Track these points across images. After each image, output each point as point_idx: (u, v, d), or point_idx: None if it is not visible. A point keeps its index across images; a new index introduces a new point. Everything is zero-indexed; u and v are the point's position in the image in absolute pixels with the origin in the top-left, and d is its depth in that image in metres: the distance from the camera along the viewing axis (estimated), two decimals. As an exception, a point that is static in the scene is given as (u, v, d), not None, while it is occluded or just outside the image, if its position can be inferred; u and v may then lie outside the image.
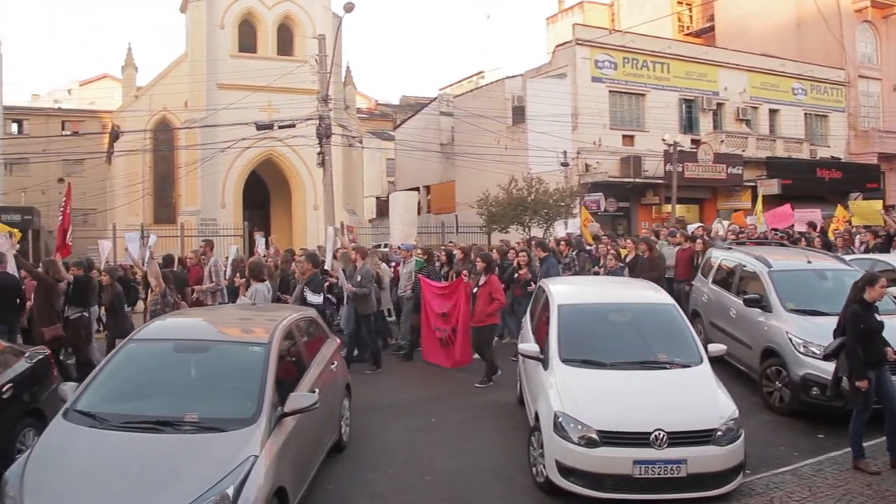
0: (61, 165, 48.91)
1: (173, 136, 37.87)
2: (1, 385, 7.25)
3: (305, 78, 27.47)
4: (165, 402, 6.28)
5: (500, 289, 12.03)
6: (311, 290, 11.03)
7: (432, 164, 40.18)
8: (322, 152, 22.21)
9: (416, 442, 8.96)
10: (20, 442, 7.39)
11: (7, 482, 5.35)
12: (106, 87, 60.55)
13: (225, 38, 37.29)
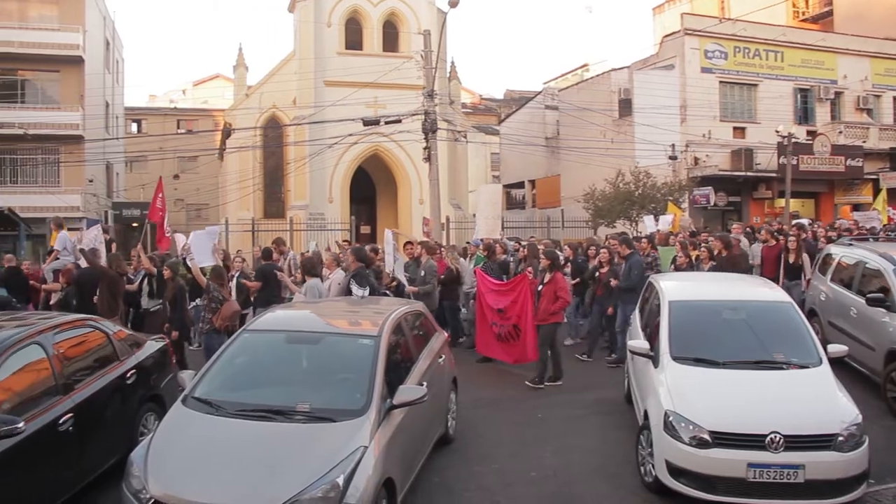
0: (176, 162, 50.94)
1: (282, 133, 38.80)
2: (125, 372, 7.61)
3: (411, 74, 27.69)
4: (278, 391, 6.45)
5: (566, 287, 11.80)
6: (357, 283, 11.00)
7: (537, 158, 39.94)
8: (428, 147, 22.35)
9: (522, 437, 8.92)
10: (142, 425, 7.77)
11: (132, 463, 5.62)
12: (218, 86, 62.69)
13: (332, 36, 37.97)
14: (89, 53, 35.65)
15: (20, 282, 13.39)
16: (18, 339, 6.34)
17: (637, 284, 12.05)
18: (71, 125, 33.88)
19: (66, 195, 33.07)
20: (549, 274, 11.52)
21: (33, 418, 5.99)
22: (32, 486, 6.00)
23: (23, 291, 13.23)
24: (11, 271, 13.67)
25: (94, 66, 36.69)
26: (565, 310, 12.33)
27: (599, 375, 11.99)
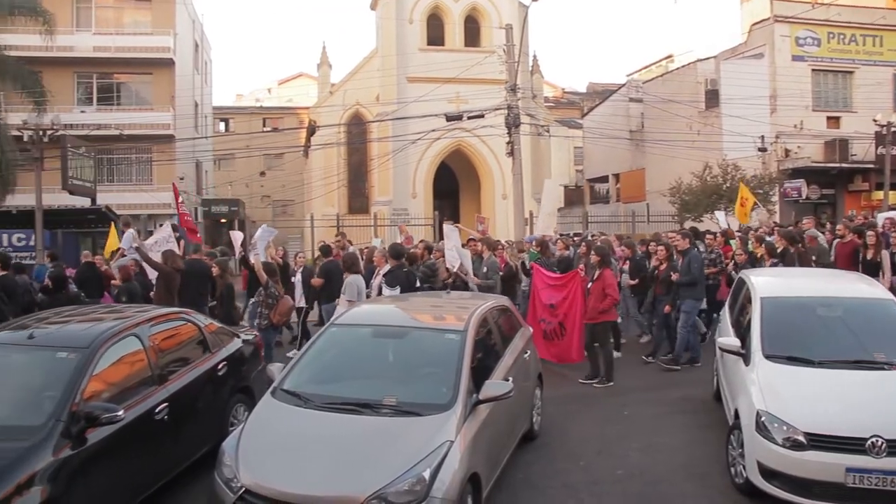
0: (262, 160, 52.02)
1: (366, 130, 39.27)
2: (216, 363, 7.82)
3: (493, 68, 27.64)
4: (365, 385, 6.52)
5: (614, 284, 11.49)
6: (388, 283, 10.95)
7: (621, 151, 39.40)
8: (511, 142, 22.29)
9: (608, 434, 8.81)
10: (232, 416, 7.98)
11: (224, 452, 5.77)
12: (302, 84, 63.72)
13: (414, 33, 38.24)
14: (179, 56, 36.75)
15: (94, 277, 13.86)
16: (117, 331, 6.59)
17: (697, 279, 11.72)
18: (163, 125, 35.01)
19: (158, 193, 34.18)
20: (598, 271, 11.31)
21: (131, 407, 6.22)
22: (131, 471, 6.24)
23: (97, 286, 13.66)
24: (86, 267, 14.21)
25: (184, 67, 37.81)
26: (618, 307, 12.06)
27: (685, 373, 11.75)
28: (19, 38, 31.36)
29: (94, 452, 5.71)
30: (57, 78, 33.30)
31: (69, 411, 5.64)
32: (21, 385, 6.27)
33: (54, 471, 5.32)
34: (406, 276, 11.24)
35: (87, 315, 7.67)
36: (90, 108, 35.39)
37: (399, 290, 10.70)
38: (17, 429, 5.55)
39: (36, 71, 31.16)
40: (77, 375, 5.91)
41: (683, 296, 11.92)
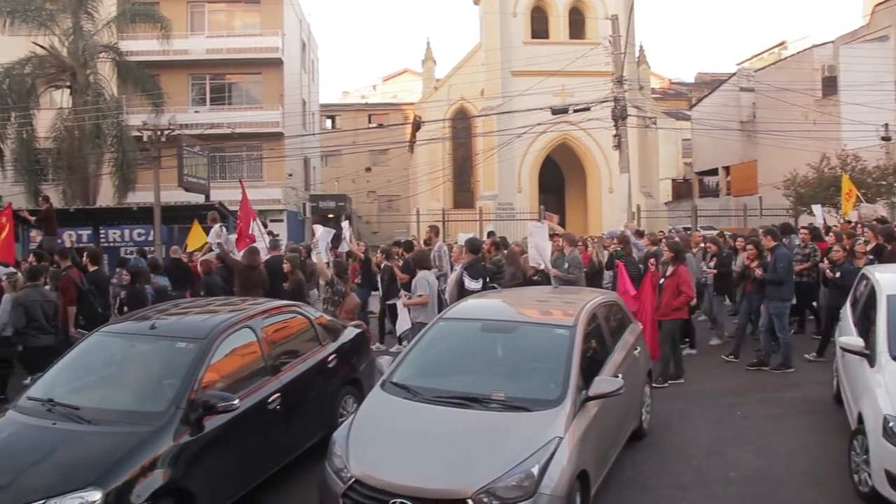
0: (368, 156, 52.85)
1: (471, 124, 39.33)
2: (327, 356, 7.96)
3: (598, 60, 27.20)
4: (473, 379, 6.51)
5: (689, 281, 11.01)
6: (470, 275, 10.80)
7: (731, 143, 38.23)
8: (618, 134, 21.93)
9: (720, 434, 8.53)
10: (342, 407, 8.10)
11: (335, 443, 5.87)
12: (406, 81, 64.46)
13: (517, 26, 38.05)
14: (287, 55, 37.68)
15: (181, 271, 14.28)
16: (232, 323, 6.83)
17: (782, 278, 11.12)
18: (272, 123, 35.99)
19: (268, 189, 35.18)
20: (671, 267, 10.93)
21: (246, 396, 6.42)
22: (245, 458, 6.45)
23: (185, 280, 14.05)
24: (173, 261, 14.72)
25: (291, 66, 38.75)
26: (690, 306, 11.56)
27: (801, 373, 11.25)
28: (139, 44, 32.99)
29: (210, 439, 5.93)
30: (173, 80, 34.73)
31: (188, 399, 5.88)
32: (144, 373, 6.60)
33: (174, 455, 5.57)
34: (484, 269, 11.16)
35: (204, 307, 8.02)
36: (204, 108, 36.72)
37: (481, 282, 10.65)
38: (141, 414, 5.85)
39: (154, 74, 32.70)
40: (195, 365, 6.15)
41: (770, 296, 11.35)
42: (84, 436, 5.64)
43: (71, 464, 5.33)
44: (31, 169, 30.03)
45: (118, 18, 31.60)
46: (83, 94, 29.65)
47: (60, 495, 4.98)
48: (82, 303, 11.47)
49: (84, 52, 29.91)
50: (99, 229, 24.97)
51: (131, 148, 30.10)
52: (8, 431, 5.83)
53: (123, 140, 30.02)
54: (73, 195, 29.98)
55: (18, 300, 10.03)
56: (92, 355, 6.95)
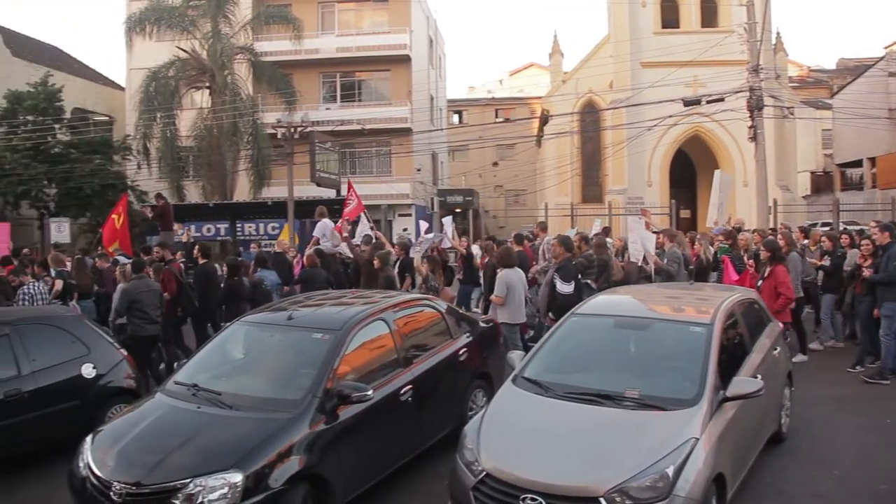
0: (495, 150, 52.95)
1: (599, 118, 38.77)
2: (457, 349, 8.00)
3: (732, 49, 26.23)
4: (606, 376, 6.39)
5: (788, 282, 10.24)
6: (561, 277, 10.49)
7: (878, 132, 36.06)
8: (753, 126, 21.07)
9: (867, 442, 8.03)
10: (471, 401, 8.13)
11: (466, 436, 5.89)
12: (533, 75, 64.21)
13: (647, 16, 37.16)
14: (415, 52, 38.18)
15: (284, 264, 14.74)
16: (366, 315, 6.99)
17: (893, 278, 10.21)
18: (400, 119, 36.57)
19: (396, 184, 35.79)
20: (769, 267, 10.29)
21: (379, 387, 6.54)
22: (378, 448, 6.57)
23: (286, 273, 14.44)
24: (277, 256, 15.20)
25: (419, 63, 39.25)
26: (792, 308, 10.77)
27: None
28: (273, 44, 34.28)
29: (344, 428, 6.09)
30: (305, 79, 35.85)
31: (324, 388, 6.06)
32: (281, 362, 6.88)
33: (310, 442, 5.76)
34: (575, 268, 10.96)
35: (339, 299, 8.25)
36: (334, 105, 37.70)
37: (573, 285, 10.39)
38: (279, 401, 6.08)
39: (287, 73, 33.88)
40: (331, 355, 6.32)
41: (882, 297, 10.47)
42: (226, 420, 5.91)
43: (214, 446, 5.61)
44: (174, 166, 31.73)
45: (253, 21, 32.95)
46: (221, 94, 31.01)
47: (205, 475, 5.26)
48: (181, 295, 12.10)
49: (222, 55, 31.30)
50: (236, 223, 26.16)
51: (266, 145, 31.29)
52: (158, 413, 6.19)
53: (259, 137, 31.25)
54: (211, 191, 31.48)
55: (126, 290, 10.87)
56: (233, 344, 7.30)
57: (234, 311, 11.30)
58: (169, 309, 11.62)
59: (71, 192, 28.60)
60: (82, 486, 5.75)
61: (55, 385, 8.05)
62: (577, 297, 10.25)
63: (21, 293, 11.02)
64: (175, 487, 5.25)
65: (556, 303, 10.20)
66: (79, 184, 28.48)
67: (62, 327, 8.59)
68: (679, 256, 12.53)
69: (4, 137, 29.06)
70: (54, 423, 7.96)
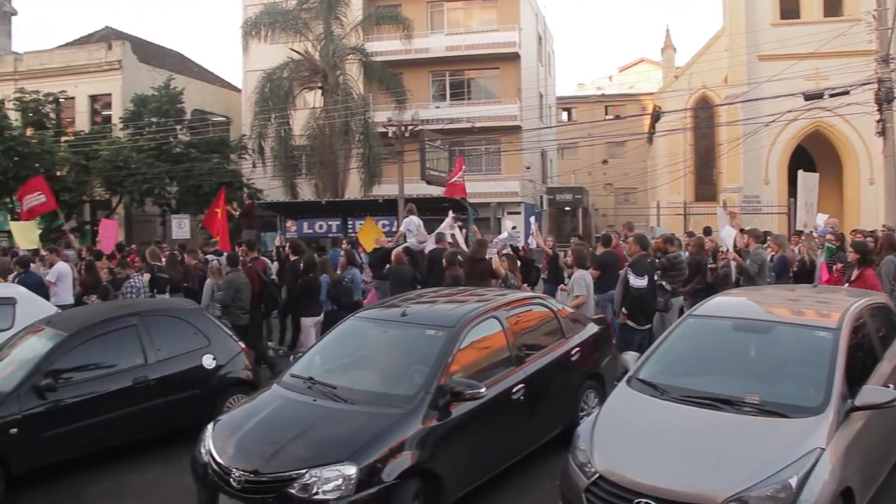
0: (605, 148, 52.23)
1: (713, 114, 37.72)
2: (570, 348, 7.90)
3: (859, 38, 24.97)
4: (724, 379, 6.16)
5: (877, 285, 9.42)
6: (635, 272, 10.19)
7: None
8: (881, 120, 20.02)
9: None
10: (583, 402, 8.02)
11: (579, 437, 5.80)
12: (643, 70, 63.05)
13: (764, 7, 35.78)
14: (524, 49, 38.02)
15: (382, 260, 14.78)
16: (479, 313, 7.00)
17: None
18: (509, 117, 36.47)
19: (506, 182, 35.74)
20: (856, 270, 9.60)
21: (491, 385, 6.52)
22: (489, 446, 6.57)
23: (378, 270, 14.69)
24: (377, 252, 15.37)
25: (528, 60, 39.06)
26: None
27: None
28: (383, 44, 34.78)
29: (457, 425, 6.11)
30: (415, 77, 36.20)
31: (437, 385, 6.10)
32: (395, 358, 6.99)
33: (423, 438, 5.81)
34: (651, 266, 10.68)
35: (451, 297, 8.29)
36: (444, 103, 37.91)
37: (646, 280, 10.19)
38: (392, 396, 6.17)
39: (397, 73, 34.29)
40: (444, 352, 6.36)
41: None
42: (340, 413, 6.03)
43: (329, 438, 5.74)
44: (288, 164, 32.60)
45: (364, 22, 33.52)
46: (333, 94, 31.66)
47: (320, 466, 5.40)
48: (264, 291, 12.59)
49: (334, 55, 31.96)
50: (347, 220, 26.62)
51: (377, 143, 31.77)
52: (275, 405, 6.37)
53: (370, 136, 31.77)
54: (324, 188, 32.20)
55: (230, 280, 11.45)
56: (347, 338, 7.44)
57: (310, 306, 12.01)
58: (253, 304, 12.13)
59: (191, 189, 29.84)
60: (204, 472, 5.97)
61: (178, 374, 8.42)
62: (650, 293, 10.23)
63: (127, 285, 11.64)
64: (291, 477, 5.40)
65: (629, 298, 10.07)
66: (198, 182, 29.71)
67: (185, 319, 8.98)
68: (763, 258, 12.07)
69: (131, 138, 30.59)
70: (177, 410, 8.33)
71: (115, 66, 34.71)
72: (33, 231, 18.20)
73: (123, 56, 34.90)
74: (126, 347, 8.18)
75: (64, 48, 37.89)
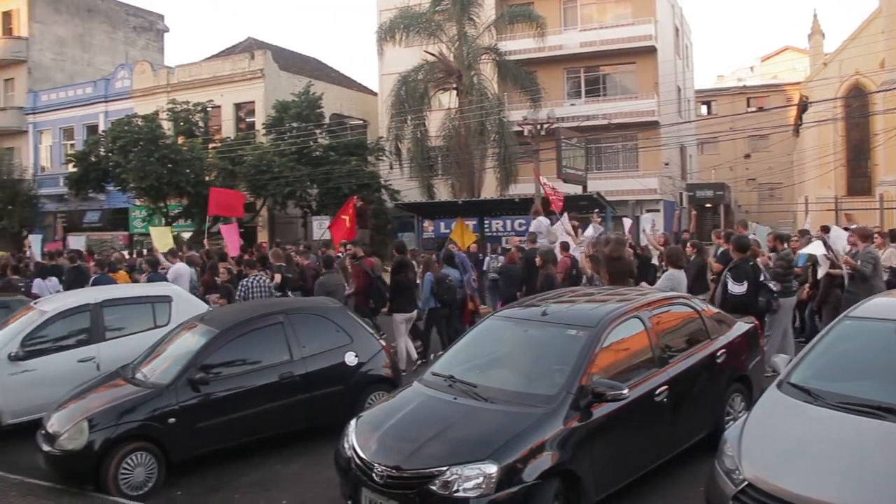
0: (747, 142, 50.33)
1: (867, 101, 35.64)
2: (715, 350, 7.59)
3: None
4: (887, 386, 5.70)
5: None
6: (734, 277, 9.70)
7: None
8: None
9: None
10: (729, 406, 7.70)
11: (726, 442, 5.53)
12: (787, 59, 60.55)
13: (925, -15, 33.54)
14: (660, 42, 37.08)
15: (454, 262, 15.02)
16: (621, 313, 6.85)
17: None
18: (647, 112, 35.64)
19: (644, 179, 34.95)
20: None
21: (634, 387, 6.36)
22: (630, 449, 6.43)
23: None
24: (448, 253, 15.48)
25: (665, 54, 38.07)
26: None
27: None
28: (516, 43, 34.74)
29: (598, 426, 6.00)
30: (549, 75, 35.96)
31: (579, 385, 6.01)
32: (535, 357, 6.93)
33: (563, 438, 5.73)
34: (753, 269, 10.09)
35: (592, 296, 8.17)
36: (579, 100, 37.44)
37: (746, 286, 9.72)
38: (533, 396, 6.12)
39: (531, 71, 34.16)
40: (585, 352, 6.26)
41: None
42: (481, 412, 6.03)
43: (470, 437, 5.75)
44: (424, 165, 33.04)
45: (497, 21, 33.58)
46: (468, 94, 31.86)
47: (461, 464, 5.41)
48: (371, 289, 13.16)
49: (468, 56, 32.16)
50: (483, 220, 26.72)
51: (512, 142, 31.78)
52: (416, 402, 6.46)
53: (505, 135, 31.80)
54: (460, 188, 32.48)
55: (321, 282, 12.28)
56: (487, 337, 7.46)
57: (402, 303, 12.56)
58: (362, 301, 12.73)
59: (330, 191, 30.75)
60: (347, 466, 6.10)
61: (322, 370, 8.66)
62: (751, 298, 9.76)
63: (241, 284, 12.13)
64: (432, 474, 5.45)
65: (729, 305, 9.61)
66: (337, 184, 30.58)
67: (328, 317, 9.26)
68: (875, 256, 11.26)
69: (273, 143, 31.83)
70: (320, 405, 8.58)
71: (257, 75, 36.28)
72: (167, 235, 20.04)
73: (265, 65, 36.43)
74: (273, 344, 8.50)
75: (210, 60, 39.99)
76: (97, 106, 40.83)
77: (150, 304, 10.55)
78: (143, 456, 7.38)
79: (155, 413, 7.47)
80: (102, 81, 41.51)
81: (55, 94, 42.89)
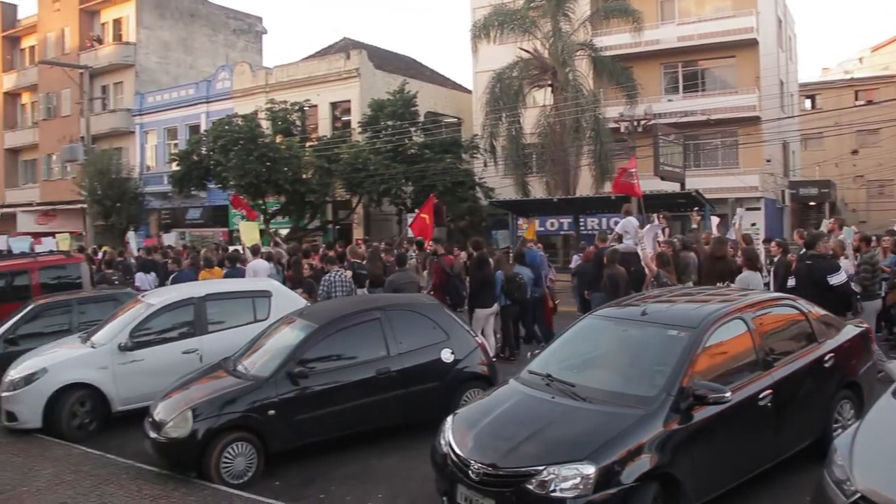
0: (854, 137, 48.30)
1: None
2: (823, 354, 7.32)
3: None
4: None
5: None
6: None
7: None
8: None
9: None
10: (837, 412, 7.41)
11: (836, 450, 5.30)
12: (900, 49, 57.76)
13: None
14: (762, 34, 35.89)
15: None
16: (724, 314, 6.69)
17: None
18: (747, 107, 34.59)
19: (744, 176, 33.94)
20: None
21: (737, 390, 6.19)
22: (732, 453, 6.26)
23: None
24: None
25: (767, 46, 36.82)
26: None
27: None
28: (612, 38, 34.30)
29: (699, 429, 5.88)
30: (645, 71, 35.27)
31: (679, 387, 5.90)
32: (634, 357, 6.84)
33: (663, 441, 5.64)
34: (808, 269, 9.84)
35: (694, 296, 8.05)
36: (676, 96, 36.60)
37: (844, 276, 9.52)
38: (632, 397, 6.05)
39: (627, 66, 33.65)
40: (687, 353, 6.14)
41: None
42: (579, 412, 6.00)
43: (567, 436, 5.73)
44: (519, 163, 32.96)
45: (592, 16, 33.24)
46: (563, 91, 31.63)
47: (558, 464, 5.40)
48: (449, 286, 13.19)
49: (563, 52, 31.89)
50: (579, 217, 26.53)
51: (608, 139, 31.39)
52: (513, 400, 6.47)
53: (600, 132, 31.44)
54: (555, 186, 32.29)
55: (391, 280, 12.47)
56: (585, 337, 7.41)
57: (483, 298, 12.75)
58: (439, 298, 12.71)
59: (425, 189, 30.95)
60: (444, 462, 6.16)
61: (418, 367, 8.75)
62: None
63: (323, 280, 12.35)
64: (529, 473, 5.44)
65: None
66: (432, 182, 30.77)
67: (425, 314, 9.35)
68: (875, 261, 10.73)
69: (369, 141, 32.28)
70: (416, 401, 8.66)
71: (353, 74, 36.80)
72: (254, 230, 20.59)
73: (361, 64, 36.91)
74: (370, 340, 8.64)
75: (307, 60, 40.76)
76: (199, 106, 42.24)
77: (251, 299, 10.88)
78: (243, 446, 7.63)
79: (255, 405, 7.69)
80: (204, 83, 42.92)
81: (160, 95, 44.55)
